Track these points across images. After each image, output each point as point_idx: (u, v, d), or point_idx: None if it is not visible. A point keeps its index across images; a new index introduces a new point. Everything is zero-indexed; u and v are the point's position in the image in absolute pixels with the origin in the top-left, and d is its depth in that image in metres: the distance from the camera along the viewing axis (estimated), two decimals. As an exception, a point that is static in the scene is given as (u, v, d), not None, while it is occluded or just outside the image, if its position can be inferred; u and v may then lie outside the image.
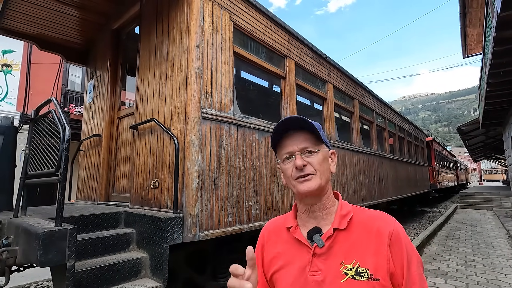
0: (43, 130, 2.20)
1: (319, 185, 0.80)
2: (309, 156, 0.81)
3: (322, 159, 0.82)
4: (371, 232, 0.76)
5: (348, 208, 0.82)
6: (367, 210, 0.84)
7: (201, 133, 2.47)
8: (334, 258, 0.76)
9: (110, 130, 3.75)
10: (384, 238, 0.74)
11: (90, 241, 2.18)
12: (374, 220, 0.78)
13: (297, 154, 0.81)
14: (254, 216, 2.87)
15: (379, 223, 0.77)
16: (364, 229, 0.78)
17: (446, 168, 18.01)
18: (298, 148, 0.82)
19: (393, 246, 0.73)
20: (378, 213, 0.82)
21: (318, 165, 0.81)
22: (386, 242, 0.73)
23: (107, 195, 3.62)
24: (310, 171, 0.80)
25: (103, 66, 4.03)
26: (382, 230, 0.75)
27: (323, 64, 4.69)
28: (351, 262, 0.74)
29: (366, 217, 0.80)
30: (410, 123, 10.44)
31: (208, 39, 2.66)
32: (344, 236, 0.78)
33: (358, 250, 0.75)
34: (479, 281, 3.78)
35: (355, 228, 0.78)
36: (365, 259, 0.73)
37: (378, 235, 0.75)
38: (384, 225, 0.76)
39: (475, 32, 9.92)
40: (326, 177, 0.82)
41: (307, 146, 0.82)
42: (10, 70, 8.23)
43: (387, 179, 6.91)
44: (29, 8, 3.56)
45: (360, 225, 0.79)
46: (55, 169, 1.82)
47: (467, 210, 12.46)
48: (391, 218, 0.79)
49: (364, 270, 0.72)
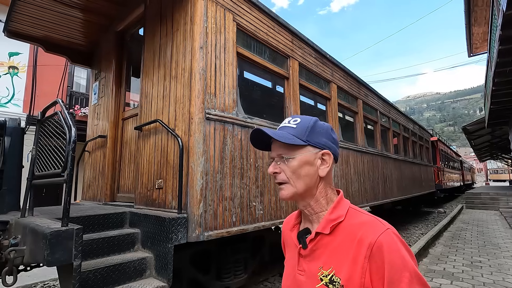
0: (49, 131, 2.23)
1: (293, 193, 0.78)
2: (283, 163, 0.79)
3: (297, 165, 0.77)
4: (353, 240, 0.70)
5: (340, 213, 0.76)
6: (363, 215, 0.76)
7: (205, 133, 2.48)
8: (315, 261, 0.75)
9: (115, 131, 3.79)
10: (363, 248, 0.67)
11: (96, 241, 2.20)
12: (360, 227, 0.71)
13: (273, 161, 0.82)
14: (258, 216, 2.87)
15: (363, 231, 0.70)
16: (348, 235, 0.72)
17: (451, 168, 17.84)
18: (275, 154, 0.81)
19: (373, 259, 0.65)
20: (370, 219, 0.73)
21: (291, 173, 0.78)
22: (365, 253, 0.66)
23: (112, 195, 3.66)
24: (282, 179, 0.79)
25: (107, 68, 4.07)
26: (364, 239, 0.68)
27: (327, 64, 4.68)
28: (328, 269, 0.71)
29: (356, 223, 0.73)
30: (415, 123, 10.37)
31: (211, 40, 2.67)
32: (328, 241, 0.75)
33: (336, 257, 0.71)
34: (485, 282, 3.74)
35: (340, 234, 0.74)
36: (341, 268, 0.69)
37: (359, 245, 0.68)
38: (367, 234, 0.68)
39: (481, 31, 9.83)
40: (303, 184, 0.77)
41: (280, 152, 0.80)
42: (16, 72, 8.34)
43: (392, 179, 6.87)
44: (35, 11, 3.61)
45: (346, 231, 0.73)
46: (61, 170, 1.85)
47: (473, 211, 12.34)
48: (380, 227, 0.69)
49: (337, 279, 0.69)
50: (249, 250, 3.27)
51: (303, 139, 0.78)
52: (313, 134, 0.79)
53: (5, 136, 2.71)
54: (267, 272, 3.95)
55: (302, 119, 0.82)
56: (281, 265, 3.45)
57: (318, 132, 0.80)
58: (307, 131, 0.79)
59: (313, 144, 0.79)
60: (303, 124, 0.80)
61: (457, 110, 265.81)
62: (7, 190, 2.64)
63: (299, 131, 0.79)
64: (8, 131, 2.72)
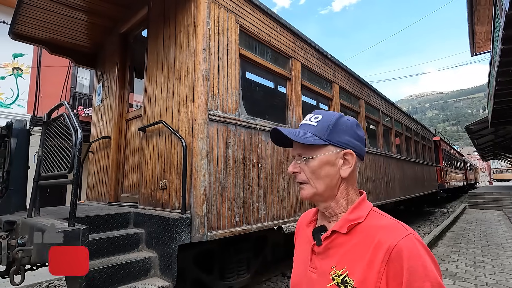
0: (55, 132, 2.26)
1: (312, 193, 0.76)
2: (303, 163, 0.77)
3: (317, 166, 0.75)
4: (370, 242, 0.67)
5: (360, 214, 0.73)
6: (385, 218, 0.73)
7: (208, 134, 2.50)
8: (328, 260, 0.73)
9: (118, 132, 3.82)
10: (381, 252, 0.64)
11: (101, 241, 2.23)
12: (379, 230, 0.68)
13: (293, 160, 0.80)
14: (260, 216, 2.89)
15: (382, 234, 0.67)
16: (365, 237, 0.69)
17: (454, 167, 17.77)
18: (296, 153, 0.79)
19: (391, 264, 0.62)
20: (391, 222, 0.70)
21: (310, 173, 0.76)
22: (382, 257, 0.63)
23: (116, 196, 3.69)
24: (302, 179, 0.78)
25: (111, 69, 4.11)
26: (383, 242, 0.65)
27: (329, 64, 4.69)
28: (341, 269, 0.69)
29: (375, 225, 0.70)
30: (417, 123, 10.34)
31: (214, 42, 2.70)
32: (343, 240, 0.72)
33: (351, 258, 0.69)
34: (488, 282, 3.74)
35: (357, 235, 0.71)
36: (355, 269, 0.67)
37: (377, 248, 0.65)
38: (386, 238, 0.65)
39: (483, 30, 9.79)
40: (324, 184, 0.75)
41: (300, 152, 0.78)
42: (21, 74, 8.41)
43: (394, 179, 6.86)
44: (40, 13, 3.65)
45: (364, 232, 0.71)
46: (67, 171, 1.88)
47: (476, 211, 12.28)
48: (401, 231, 0.66)
49: (350, 280, 0.66)
50: (252, 250, 3.29)
51: (324, 138, 0.75)
52: (334, 133, 0.75)
53: (11, 137, 2.75)
54: (270, 272, 3.97)
55: (323, 116, 0.78)
56: (284, 265, 3.49)
57: (340, 130, 0.76)
58: (328, 129, 0.75)
59: (334, 143, 0.75)
60: (324, 122, 0.77)
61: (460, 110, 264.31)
62: (14, 191, 2.68)
63: (319, 129, 0.76)
64: (15, 132, 2.76)
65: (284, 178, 3.29)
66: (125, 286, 2.06)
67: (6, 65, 8.20)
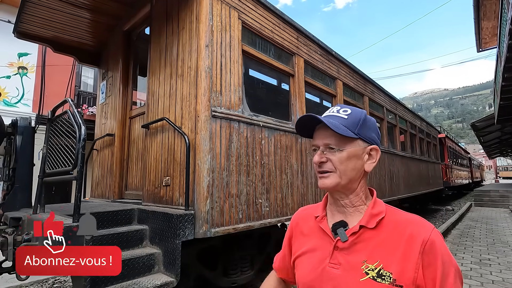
0: (59, 130, 2.28)
1: (336, 183, 0.77)
2: (331, 153, 0.78)
3: (346, 158, 0.77)
4: (402, 236, 0.71)
5: (381, 208, 0.78)
6: (403, 212, 0.78)
7: (211, 131, 2.50)
8: (356, 255, 0.73)
9: (122, 130, 3.84)
10: (416, 244, 0.69)
11: (106, 237, 2.25)
12: (408, 224, 0.73)
13: (319, 150, 0.79)
14: (264, 213, 2.89)
15: (413, 228, 0.72)
16: (394, 231, 0.73)
17: (459, 165, 17.59)
18: (322, 143, 0.79)
19: (426, 255, 0.68)
20: (414, 217, 0.76)
21: (339, 164, 0.77)
22: (419, 249, 0.68)
23: (120, 193, 3.71)
24: (329, 168, 0.78)
25: (115, 67, 4.12)
26: (416, 236, 0.70)
27: (332, 61, 4.66)
28: (374, 263, 0.70)
29: (400, 220, 0.75)
30: (422, 120, 10.24)
31: (217, 38, 2.69)
32: (371, 235, 0.74)
33: (384, 251, 0.71)
34: (494, 280, 3.70)
35: (385, 229, 0.74)
36: (390, 262, 0.69)
37: (410, 240, 0.70)
38: (418, 231, 0.71)
39: (490, 25, 9.64)
40: (349, 176, 0.77)
41: (329, 142, 0.78)
42: (26, 73, 8.49)
43: (399, 176, 6.82)
44: (43, 12, 3.67)
45: (391, 226, 0.74)
46: (71, 167, 1.89)
47: (482, 208, 12.16)
48: (428, 225, 0.73)
49: (387, 273, 0.68)
50: (255, 247, 3.30)
51: (355, 132, 0.77)
52: (364, 128, 0.79)
53: (16, 135, 2.78)
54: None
55: (353, 111, 0.80)
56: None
57: (368, 127, 0.80)
58: (359, 124, 0.78)
59: (363, 138, 0.79)
60: (355, 116, 0.79)
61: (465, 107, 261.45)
62: (19, 188, 2.71)
63: (350, 123, 0.78)
64: (20, 130, 2.79)
65: (288, 175, 3.28)
66: (130, 282, 2.08)
67: (11, 64, 8.28)
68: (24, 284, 3.74)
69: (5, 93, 8.09)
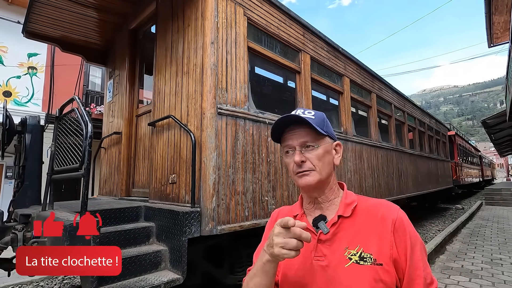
0: (67, 128, 2.30)
1: (318, 180, 0.81)
2: (309, 151, 0.82)
3: (322, 154, 0.82)
4: (375, 219, 0.78)
5: (353, 198, 0.85)
6: (371, 199, 0.86)
7: (217, 128, 2.49)
8: (338, 244, 0.78)
9: (129, 128, 3.86)
10: (388, 224, 0.76)
11: (113, 234, 2.26)
12: (378, 208, 0.81)
13: (297, 149, 0.82)
14: (270, 210, 2.87)
15: (383, 211, 0.79)
16: (368, 216, 0.80)
17: (470, 163, 17.26)
18: (298, 142, 0.82)
19: (396, 233, 0.75)
20: (382, 201, 0.84)
21: (317, 161, 0.81)
22: (390, 228, 0.75)
23: (128, 190, 3.74)
24: (309, 167, 0.81)
25: (121, 66, 4.15)
26: (386, 217, 0.77)
27: (339, 57, 4.60)
28: (355, 248, 0.76)
29: (370, 205, 0.82)
30: (431, 117, 10.07)
31: (222, 35, 2.67)
32: (349, 223, 0.80)
33: (362, 236, 0.77)
34: (506, 280, 3.61)
35: (359, 216, 0.81)
36: (369, 244, 0.75)
37: (382, 222, 0.77)
38: (388, 212, 0.78)
39: (502, 20, 9.39)
40: (327, 171, 0.83)
41: (306, 140, 0.82)
42: (35, 73, 8.63)
43: (407, 174, 6.72)
44: (51, 11, 3.71)
45: (364, 212, 0.81)
46: (79, 165, 1.91)
47: (493, 207, 11.91)
48: (395, 206, 0.81)
49: (368, 255, 0.74)
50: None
51: (324, 130, 0.83)
52: (328, 126, 0.86)
53: (26, 133, 2.82)
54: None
55: (315, 112, 0.86)
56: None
57: (329, 125, 0.88)
58: (324, 123, 0.85)
59: (330, 135, 0.86)
60: (319, 116, 0.85)
61: (476, 104, 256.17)
62: (29, 185, 2.75)
63: (318, 122, 0.83)
64: (29, 128, 2.83)
65: (294, 172, 3.25)
66: (136, 279, 2.09)
67: (21, 64, 8.42)
68: (34, 280, 3.81)
69: (15, 92, 8.24)
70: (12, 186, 3.50)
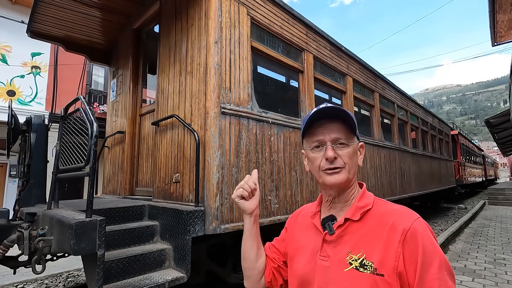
0: (72, 127, 2.31)
1: (347, 178, 0.79)
2: (340, 149, 0.79)
3: (352, 153, 0.80)
4: (384, 226, 0.72)
5: (367, 201, 0.80)
6: (391, 204, 0.80)
7: (221, 128, 2.50)
8: (342, 246, 0.76)
9: (132, 127, 3.88)
10: (396, 234, 0.69)
11: (117, 232, 2.28)
12: (391, 214, 0.74)
13: (329, 145, 0.79)
14: (273, 210, 2.88)
15: (395, 218, 0.72)
16: (378, 222, 0.75)
17: (473, 162, 17.18)
18: (330, 138, 0.79)
19: (407, 244, 0.68)
20: (400, 208, 0.77)
21: (348, 159, 0.79)
22: (398, 238, 0.69)
23: (131, 189, 3.76)
24: (340, 164, 0.78)
25: (125, 65, 4.16)
26: (397, 225, 0.71)
27: (342, 56, 4.59)
28: (357, 253, 0.73)
29: (386, 211, 0.76)
30: (434, 116, 10.03)
31: (226, 35, 2.68)
32: (357, 227, 0.77)
33: (367, 242, 0.73)
34: (509, 280, 3.60)
35: (370, 221, 0.76)
36: (372, 252, 0.71)
37: (392, 230, 0.71)
38: (400, 221, 0.71)
39: (506, 18, 9.30)
40: (354, 171, 0.80)
41: (339, 137, 0.79)
42: (39, 72, 8.67)
43: (410, 174, 6.70)
44: (55, 11, 3.73)
45: (376, 218, 0.76)
46: (84, 164, 1.92)
47: (496, 207, 11.85)
48: (412, 215, 0.73)
49: (369, 263, 0.70)
50: (264, 244, 3.29)
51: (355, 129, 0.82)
52: (356, 126, 0.84)
53: (31, 132, 2.84)
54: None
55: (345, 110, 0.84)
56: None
57: (356, 126, 0.85)
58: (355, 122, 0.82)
59: (357, 135, 0.83)
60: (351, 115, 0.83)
61: (479, 103, 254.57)
62: (34, 184, 2.77)
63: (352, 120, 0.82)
64: (34, 127, 2.85)
65: (297, 172, 3.26)
66: (141, 277, 2.11)
67: (25, 64, 8.47)
68: (39, 277, 3.84)
69: (19, 92, 8.29)
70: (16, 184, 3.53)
